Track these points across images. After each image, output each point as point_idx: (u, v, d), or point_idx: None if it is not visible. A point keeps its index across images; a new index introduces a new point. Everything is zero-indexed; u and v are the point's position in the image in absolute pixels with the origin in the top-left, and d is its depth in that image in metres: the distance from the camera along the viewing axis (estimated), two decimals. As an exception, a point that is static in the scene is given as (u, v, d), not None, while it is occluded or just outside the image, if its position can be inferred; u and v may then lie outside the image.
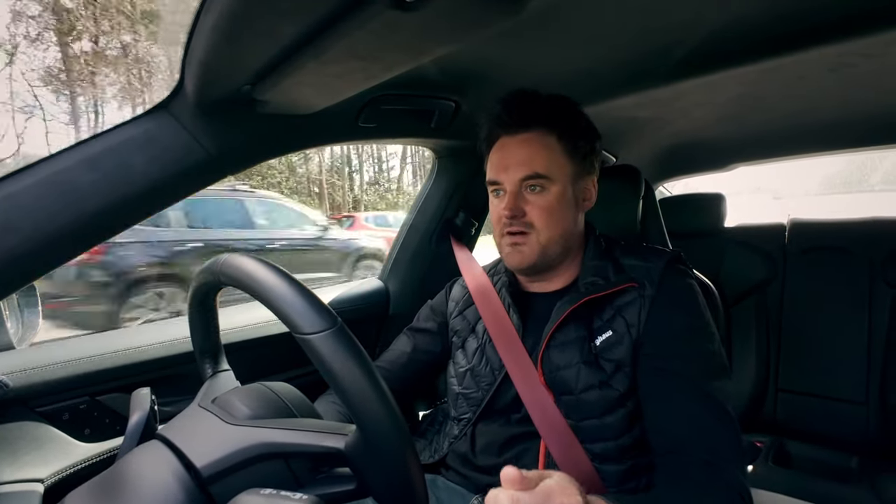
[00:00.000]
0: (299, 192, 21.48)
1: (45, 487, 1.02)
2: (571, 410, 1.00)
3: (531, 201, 1.02)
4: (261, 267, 0.62)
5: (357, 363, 0.54)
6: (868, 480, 1.68)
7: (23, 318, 1.21)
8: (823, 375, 1.93)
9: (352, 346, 0.55)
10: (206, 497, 0.60)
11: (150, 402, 0.75)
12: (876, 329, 1.87)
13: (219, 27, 0.69)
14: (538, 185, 1.02)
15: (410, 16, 0.63)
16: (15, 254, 0.77)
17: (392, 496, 0.58)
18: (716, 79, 1.20)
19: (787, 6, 0.91)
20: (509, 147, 1.05)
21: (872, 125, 1.79)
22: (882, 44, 1.02)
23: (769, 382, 2.03)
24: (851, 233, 2.00)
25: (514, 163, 1.03)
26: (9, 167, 13.73)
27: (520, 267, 1.07)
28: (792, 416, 1.99)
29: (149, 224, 5.60)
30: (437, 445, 1.21)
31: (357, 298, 1.67)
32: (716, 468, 0.84)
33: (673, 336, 0.98)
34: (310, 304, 0.57)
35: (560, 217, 1.03)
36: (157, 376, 1.22)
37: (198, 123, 0.95)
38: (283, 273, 0.60)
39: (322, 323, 0.55)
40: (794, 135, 1.95)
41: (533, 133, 1.03)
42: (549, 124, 1.03)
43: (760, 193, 47.28)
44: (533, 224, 1.02)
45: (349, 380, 0.53)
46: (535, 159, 1.02)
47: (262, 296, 0.60)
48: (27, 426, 1.07)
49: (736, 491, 0.81)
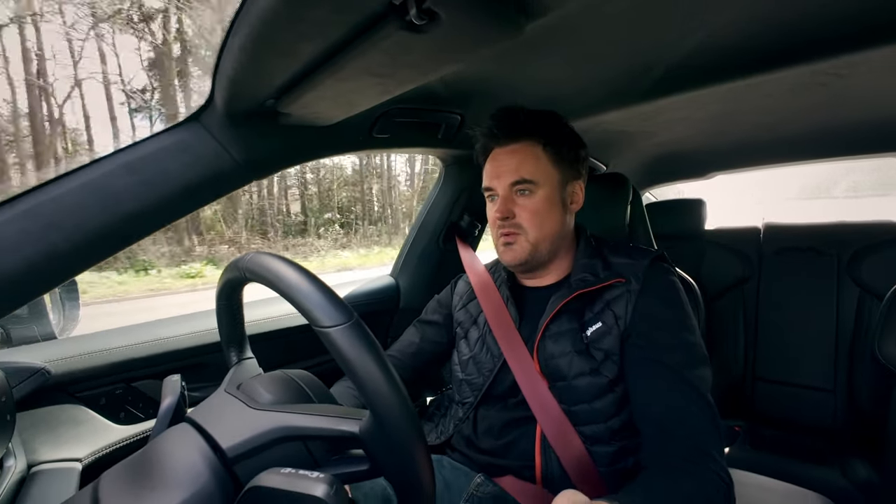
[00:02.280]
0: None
1: (83, 466, 1.03)
2: (564, 396, 1.00)
3: (521, 204, 1.04)
4: (283, 265, 0.62)
5: (371, 355, 0.54)
6: (836, 462, 1.68)
7: (64, 311, 1.22)
8: (795, 365, 1.93)
9: (366, 339, 0.55)
10: (231, 476, 0.60)
11: (180, 388, 0.75)
12: (843, 323, 1.87)
13: (245, 47, 0.69)
14: (527, 190, 1.03)
15: (420, 37, 0.64)
16: (59, 251, 0.78)
17: (402, 476, 0.58)
18: (695, 95, 1.20)
19: (759, 29, 0.91)
20: (500, 157, 1.07)
21: (838, 138, 1.79)
22: (847, 65, 1.03)
23: (746, 372, 2.03)
24: (820, 235, 2.00)
25: (504, 171, 1.05)
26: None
27: (513, 263, 1.08)
28: (767, 402, 1.99)
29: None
30: (443, 428, 1.21)
31: (371, 293, 1.68)
32: (695, 451, 0.84)
33: (656, 327, 0.98)
34: (328, 299, 0.57)
35: (547, 218, 1.04)
36: (187, 364, 1.23)
37: (226, 133, 0.95)
38: (304, 271, 0.60)
39: (339, 317, 0.55)
40: (766, 146, 1.95)
41: (521, 144, 1.05)
42: (535, 135, 1.05)
43: (745, 197, 47.73)
44: (522, 225, 1.04)
45: (363, 369, 0.53)
46: (523, 166, 1.03)
47: (284, 291, 0.60)
48: (67, 410, 1.08)
49: (715, 472, 0.82)
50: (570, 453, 0.97)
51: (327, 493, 0.51)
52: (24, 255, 0.75)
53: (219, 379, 0.78)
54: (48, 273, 0.78)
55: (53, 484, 0.94)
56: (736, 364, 2.03)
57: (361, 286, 1.69)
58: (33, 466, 0.97)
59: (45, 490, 0.92)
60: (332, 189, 20.26)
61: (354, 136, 1.21)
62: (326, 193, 20.30)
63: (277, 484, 0.53)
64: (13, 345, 1.11)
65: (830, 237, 1.97)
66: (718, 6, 0.83)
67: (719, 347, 2.05)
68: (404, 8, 0.59)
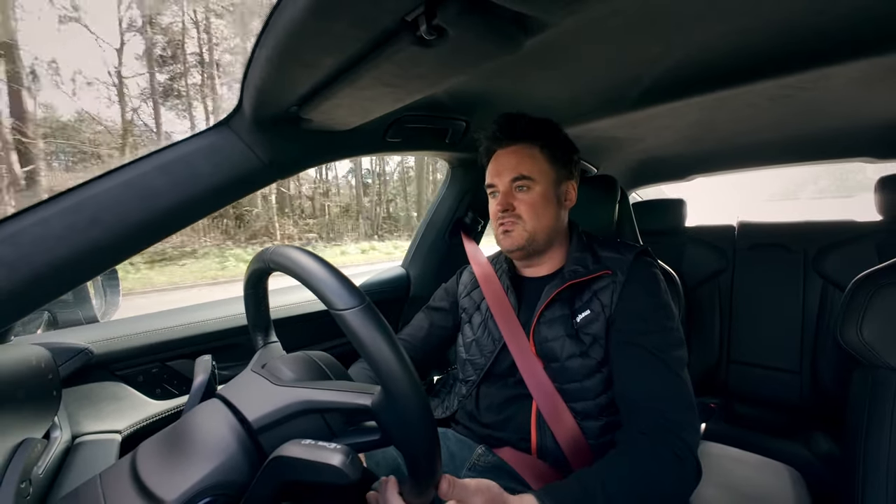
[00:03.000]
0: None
1: (122, 437, 1.03)
2: (557, 375, 1.01)
3: (519, 198, 1.05)
4: (303, 255, 0.62)
5: (381, 334, 0.54)
6: (802, 436, 1.69)
7: (106, 297, 1.22)
8: (766, 349, 1.94)
9: (377, 320, 0.55)
10: (256, 446, 0.60)
11: (211, 367, 0.75)
12: (808, 311, 1.88)
13: (272, 59, 0.69)
14: (525, 186, 1.05)
15: (429, 51, 0.64)
16: (101, 243, 0.78)
17: (410, 444, 0.58)
18: (677, 105, 1.22)
19: (733, 48, 0.92)
20: (502, 157, 1.08)
21: (805, 144, 1.80)
22: (813, 79, 1.05)
23: (721, 355, 2.04)
24: (789, 233, 2.01)
25: (505, 168, 1.06)
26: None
27: (511, 249, 1.09)
28: (740, 382, 2.00)
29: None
30: (448, 403, 1.22)
31: (384, 282, 1.69)
32: (658, 427, 0.86)
33: (638, 314, 0.99)
34: (343, 285, 0.57)
35: (543, 211, 1.05)
36: (217, 345, 1.23)
37: (253, 137, 0.95)
38: (321, 260, 0.61)
39: (353, 301, 0.55)
40: (741, 151, 1.96)
41: (520, 145, 1.07)
42: (533, 138, 1.07)
43: (718, 199, 48.61)
44: (521, 216, 1.05)
45: (375, 348, 0.54)
46: (522, 164, 1.05)
47: (302, 278, 0.60)
48: (108, 386, 1.08)
49: (671, 449, 0.83)
50: (562, 427, 0.98)
51: (343, 462, 0.52)
52: (70, 247, 0.75)
53: (246, 359, 0.78)
54: (91, 263, 0.78)
55: (95, 453, 0.95)
56: (712, 348, 2.03)
57: (375, 276, 1.70)
58: (77, 438, 0.98)
59: (88, 459, 0.93)
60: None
61: (369, 140, 1.21)
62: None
63: (298, 454, 0.54)
64: (59, 327, 1.12)
65: (798, 234, 1.97)
66: (696, 28, 0.84)
67: (697, 333, 2.05)
68: (416, 24, 0.59)
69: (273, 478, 0.55)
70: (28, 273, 0.71)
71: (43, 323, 1.11)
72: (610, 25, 0.82)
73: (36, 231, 0.73)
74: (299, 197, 20.24)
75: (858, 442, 0.99)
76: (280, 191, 18.82)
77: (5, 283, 0.69)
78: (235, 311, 1.28)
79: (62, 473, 0.87)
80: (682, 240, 2.16)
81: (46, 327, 1.11)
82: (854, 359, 1.04)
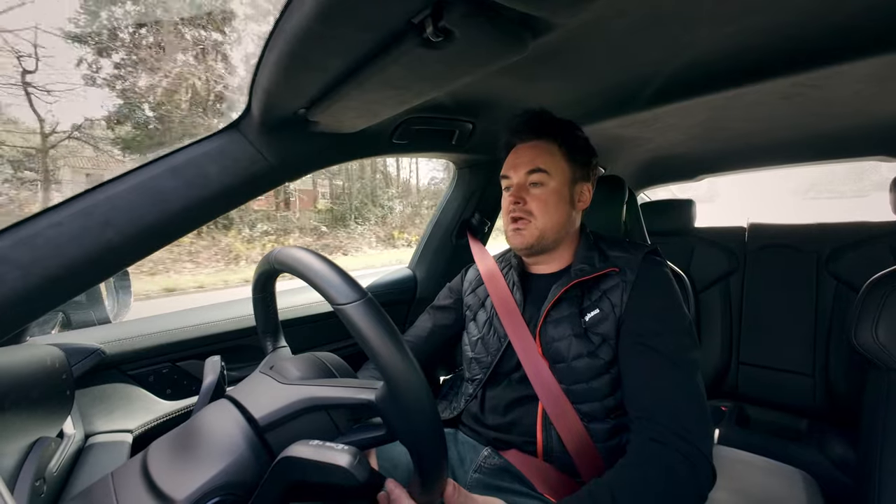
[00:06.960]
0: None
1: (133, 437, 1.05)
2: (564, 376, 1.00)
3: (532, 194, 1.06)
4: (304, 253, 0.63)
5: (382, 327, 0.54)
6: (815, 440, 1.67)
7: (118, 298, 1.24)
8: (777, 351, 1.92)
9: (377, 313, 0.55)
10: (264, 445, 0.61)
11: (220, 368, 0.76)
12: (821, 313, 1.86)
13: (280, 63, 0.70)
14: (539, 182, 1.05)
15: (435, 53, 0.65)
16: (113, 245, 0.79)
17: (415, 438, 0.58)
18: (686, 105, 1.21)
19: (742, 47, 0.92)
20: (521, 151, 1.09)
21: (815, 143, 1.79)
22: (824, 77, 1.03)
23: (732, 357, 2.02)
24: (801, 234, 1.99)
25: (522, 161, 1.07)
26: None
27: (521, 247, 1.09)
28: (751, 385, 1.98)
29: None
30: (455, 404, 1.22)
31: (390, 283, 1.69)
32: (667, 432, 0.83)
33: (649, 314, 0.98)
34: (342, 279, 0.57)
35: (555, 209, 1.05)
36: (226, 346, 1.24)
37: (262, 139, 0.96)
38: (322, 257, 0.61)
39: (353, 295, 0.56)
40: (750, 151, 1.94)
41: (540, 141, 1.08)
42: (553, 135, 1.07)
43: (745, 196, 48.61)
44: (532, 212, 1.05)
45: (376, 340, 0.54)
46: (539, 158, 1.06)
47: (305, 276, 0.60)
48: (120, 386, 1.09)
49: (682, 454, 0.81)
50: (568, 429, 0.97)
51: (351, 463, 0.52)
52: (83, 249, 0.76)
53: (255, 360, 0.79)
54: (104, 264, 0.79)
55: (107, 452, 0.96)
56: (722, 350, 2.02)
57: (382, 277, 1.71)
58: (90, 436, 0.99)
59: (100, 457, 0.94)
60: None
61: (376, 142, 1.22)
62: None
63: (306, 454, 0.54)
64: (73, 328, 1.13)
65: (810, 236, 1.96)
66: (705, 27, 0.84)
67: (707, 335, 2.04)
68: (422, 26, 0.59)
69: (281, 478, 0.56)
70: (42, 275, 0.72)
71: (57, 323, 1.12)
72: (616, 26, 0.82)
73: (50, 234, 0.74)
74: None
75: (874, 445, 0.97)
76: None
77: (20, 285, 0.70)
78: (244, 312, 1.29)
79: (75, 472, 0.88)
80: (691, 241, 2.15)
81: (61, 328, 1.13)
82: (868, 361, 1.03)
